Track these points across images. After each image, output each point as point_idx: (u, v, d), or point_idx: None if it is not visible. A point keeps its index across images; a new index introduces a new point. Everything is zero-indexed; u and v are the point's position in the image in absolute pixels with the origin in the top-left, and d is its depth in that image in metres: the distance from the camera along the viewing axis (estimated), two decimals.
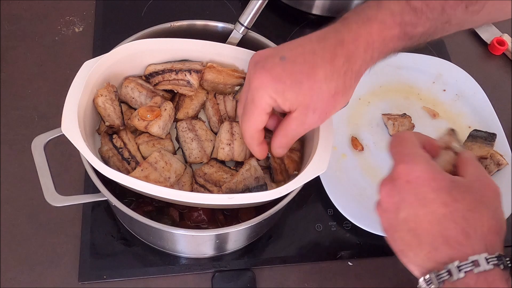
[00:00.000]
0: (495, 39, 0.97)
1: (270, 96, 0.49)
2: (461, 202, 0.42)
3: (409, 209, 0.43)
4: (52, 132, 0.61)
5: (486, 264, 0.39)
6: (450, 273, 0.40)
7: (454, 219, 0.41)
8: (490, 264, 0.39)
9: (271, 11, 0.96)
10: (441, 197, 0.42)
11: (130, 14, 0.94)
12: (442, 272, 0.40)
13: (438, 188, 0.43)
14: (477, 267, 0.39)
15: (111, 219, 0.71)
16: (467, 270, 0.39)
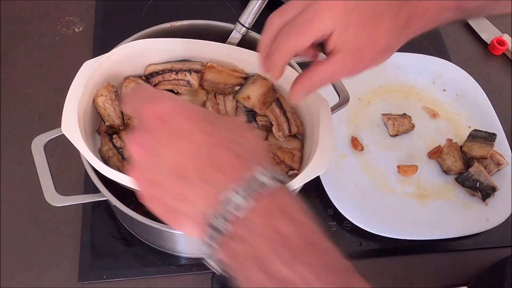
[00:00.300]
0: (495, 39, 0.97)
1: (331, 25, 0.45)
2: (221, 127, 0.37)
3: (164, 148, 0.36)
4: (52, 132, 0.61)
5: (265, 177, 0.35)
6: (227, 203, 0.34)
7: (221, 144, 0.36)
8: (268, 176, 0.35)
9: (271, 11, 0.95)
10: (198, 125, 0.37)
11: (130, 14, 0.94)
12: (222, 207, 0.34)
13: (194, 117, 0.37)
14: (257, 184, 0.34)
15: (111, 219, 0.71)
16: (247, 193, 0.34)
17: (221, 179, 0.35)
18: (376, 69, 0.93)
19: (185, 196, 0.36)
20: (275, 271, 0.33)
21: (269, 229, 0.34)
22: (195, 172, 0.35)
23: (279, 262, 0.33)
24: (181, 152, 0.36)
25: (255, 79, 0.67)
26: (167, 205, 0.37)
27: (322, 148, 0.59)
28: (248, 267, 0.34)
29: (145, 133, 0.38)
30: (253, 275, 0.34)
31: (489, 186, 0.76)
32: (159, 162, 0.37)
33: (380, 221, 0.73)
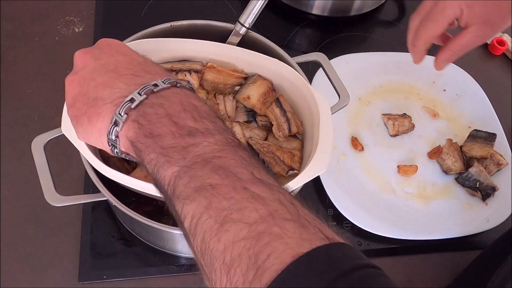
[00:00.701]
0: (495, 39, 0.97)
1: (460, 8, 0.60)
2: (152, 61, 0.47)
3: (110, 57, 0.46)
4: (52, 132, 0.61)
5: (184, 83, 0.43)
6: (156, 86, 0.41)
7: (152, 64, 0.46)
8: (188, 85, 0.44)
9: (271, 11, 0.96)
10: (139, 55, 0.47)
11: (130, 14, 0.94)
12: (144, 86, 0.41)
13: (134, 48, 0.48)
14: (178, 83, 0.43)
15: (111, 219, 0.71)
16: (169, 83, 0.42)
17: (150, 76, 0.43)
18: (376, 69, 0.93)
19: (112, 84, 0.43)
20: (183, 123, 0.39)
21: (183, 100, 0.41)
22: (127, 70, 0.44)
23: (189, 118, 0.40)
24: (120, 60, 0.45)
25: (255, 79, 0.67)
26: (90, 97, 0.44)
27: (322, 148, 0.59)
28: (159, 121, 0.40)
29: (94, 48, 0.47)
30: (162, 127, 0.39)
31: (489, 186, 0.76)
32: (97, 63, 0.45)
33: (380, 221, 0.73)
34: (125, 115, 0.41)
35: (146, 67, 0.45)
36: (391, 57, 0.91)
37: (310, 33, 0.98)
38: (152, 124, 0.40)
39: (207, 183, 0.36)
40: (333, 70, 0.71)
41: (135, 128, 0.41)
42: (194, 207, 0.35)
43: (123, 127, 0.41)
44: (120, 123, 0.41)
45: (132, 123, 0.41)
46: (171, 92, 0.42)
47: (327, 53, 0.72)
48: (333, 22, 0.99)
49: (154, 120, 0.40)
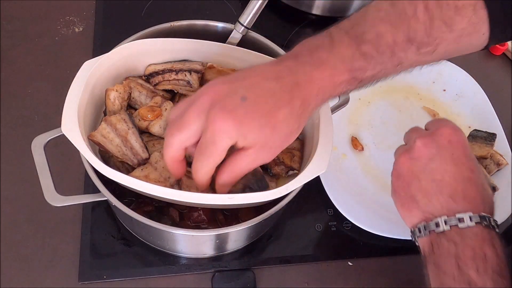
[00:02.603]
0: None
1: (232, 138, 0.47)
2: (479, 170, 0.51)
3: (441, 163, 0.50)
4: (52, 132, 0.61)
5: (490, 223, 0.47)
6: (462, 221, 0.47)
7: (476, 184, 0.49)
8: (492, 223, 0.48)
9: (271, 11, 0.96)
10: (470, 163, 0.50)
11: (130, 14, 0.94)
12: (452, 217, 0.47)
13: (469, 156, 0.51)
14: (484, 222, 0.47)
15: (111, 219, 0.71)
16: (476, 221, 0.46)
17: (465, 205, 0.48)
18: None
19: (430, 196, 0.50)
20: (466, 271, 0.45)
21: (477, 247, 0.46)
22: (449, 189, 0.49)
23: (473, 269, 0.45)
24: (448, 171, 0.50)
25: None
26: (411, 193, 0.51)
27: (322, 148, 0.59)
28: (446, 258, 0.46)
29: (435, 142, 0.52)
30: (448, 264, 0.46)
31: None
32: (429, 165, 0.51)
33: (380, 221, 0.73)
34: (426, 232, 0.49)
35: (467, 188, 0.49)
36: None
37: (310, 33, 0.97)
38: (442, 258, 0.47)
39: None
40: None
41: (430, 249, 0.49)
42: None
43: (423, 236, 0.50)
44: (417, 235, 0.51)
45: (428, 242, 0.49)
46: (471, 233, 0.46)
47: None
48: (333, 22, 0.98)
49: (444, 254, 0.47)
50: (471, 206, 0.48)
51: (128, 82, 0.66)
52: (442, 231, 0.47)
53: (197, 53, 0.67)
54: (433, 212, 0.49)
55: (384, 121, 0.85)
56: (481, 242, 0.46)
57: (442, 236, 0.47)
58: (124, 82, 0.65)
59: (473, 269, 0.44)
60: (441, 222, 0.48)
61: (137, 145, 0.60)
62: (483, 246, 0.46)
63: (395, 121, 0.85)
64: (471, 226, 0.46)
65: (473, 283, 0.44)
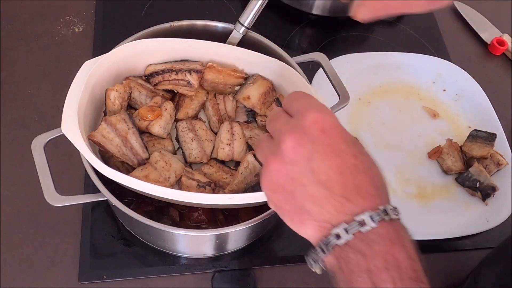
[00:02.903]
0: (495, 39, 0.97)
1: None
2: (365, 155, 0.44)
3: (322, 159, 0.41)
4: (52, 132, 0.61)
5: (393, 214, 0.41)
6: (362, 224, 0.40)
7: (364, 170, 0.42)
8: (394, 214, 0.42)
9: (271, 11, 0.96)
10: (351, 148, 0.42)
11: (130, 14, 0.94)
12: (353, 223, 0.40)
13: (348, 140, 0.43)
14: (386, 216, 0.41)
15: (111, 219, 0.71)
16: (379, 220, 0.40)
17: (361, 203, 0.41)
18: (376, 69, 0.93)
19: (323, 204, 0.41)
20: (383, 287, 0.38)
21: (387, 253, 0.40)
22: (339, 188, 0.41)
23: (389, 282, 0.39)
24: (332, 167, 0.41)
25: (255, 79, 0.67)
26: (297, 202, 0.42)
27: None
28: (357, 275, 0.40)
29: (306, 136, 0.42)
30: (361, 283, 0.39)
31: (489, 186, 0.76)
32: (309, 166, 0.42)
33: None
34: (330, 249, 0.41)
35: (357, 179, 0.42)
36: (391, 57, 0.91)
37: (310, 33, 0.98)
38: (352, 276, 0.40)
39: None
40: (333, 70, 0.71)
41: (338, 267, 0.41)
42: None
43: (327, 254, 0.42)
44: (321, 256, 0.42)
45: (334, 260, 0.41)
46: (377, 236, 0.40)
47: (327, 53, 0.72)
48: (333, 22, 0.98)
49: (354, 271, 0.40)
50: (368, 202, 0.41)
51: (128, 82, 0.66)
52: (345, 242, 0.40)
53: (197, 53, 0.67)
54: (329, 221, 0.41)
55: (384, 121, 0.85)
56: (390, 246, 0.40)
57: (346, 249, 0.40)
58: (124, 82, 0.65)
59: (389, 282, 0.39)
60: (341, 231, 0.40)
61: (137, 145, 0.60)
62: (393, 251, 0.40)
63: (395, 121, 0.85)
64: (374, 227, 0.40)
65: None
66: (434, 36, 0.99)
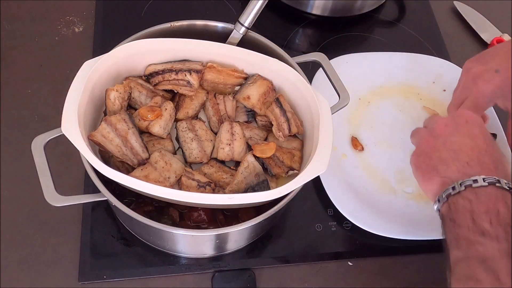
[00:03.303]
0: (495, 39, 0.97)
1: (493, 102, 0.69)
2: (492, 144, 0.56)
3: (459, 137, 0.57)
4: (52, 132, 0.61)
5: (504, 185, 0.51)
6: (475, 181, 0.51)
7: (489, 154, 0.55)
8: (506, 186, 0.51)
9: (271, 11, 0.96)
10: (486, 139, 0.56)
11: (130, 14, 0.94)
12: (467, 179, 0.52)
13: (485, 133, 0.57)
14: (498, 183, 0.51)
15: (111, 219, 0.71)
16: (490, 182, 0.51)
17: (479, 170, 0.53)
18: (376, 69, 0.93)
19: (448, 164, 0.55)
20: (480, 223, 0.48)
21: (490, 203, 0.50)
22: (466, 157, 0.55)
23: (486, 221, 0.48)
24: (466, 144, 0.56)
25: (255, 79, 0.67)
26: (431, 163, 0.57)
27: (322, 148, 0.59)
28: (463, 213, 0.50)
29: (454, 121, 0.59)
30: (463, 218, 0.50)
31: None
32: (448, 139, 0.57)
33: (380, 221, 0.73)
34: (445, 198, 0.53)
35: (482, 157, 0.54)
36: (391, 57, 0.91)
37: (310, 33, 0.98)
38: (458, 214, 0.51)
39: (474, 277, 0.46)
40: (333, 70, 0.71)
41: (447, 209, 0.53)
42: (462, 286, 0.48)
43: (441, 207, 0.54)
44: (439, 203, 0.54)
45: (446, 206, 0.53)
46: (485, 192, 0.51)
47: (327, 53, 0.72)
48: (333, 22, 0.98)
49: (460, 210, 0.51)
50: (485, 171, 0.52)
51: (128, 82, 0.66)
52: (458, 191, 0.52)
53: (197, 53, 0.67)
54: (450, 177, 0.53)
55: (384, 121, 0.85)
56: (494, 200, 0.50)
57: (458, 196, 0.52)
58: (124, 82, 0.65)
59: (486, 221, 0.48)
60: (457, 184, 0.52)
61: (137, 145, 0.60)
62: (496, 203, 0.49)
63: (395, 121, 0.85)
64: (484, 186, 0.50)
65: (486, 233, 0.48)
66: (434, 36, 0.99)
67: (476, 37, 1.00)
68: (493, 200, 0.50)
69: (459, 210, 0.51)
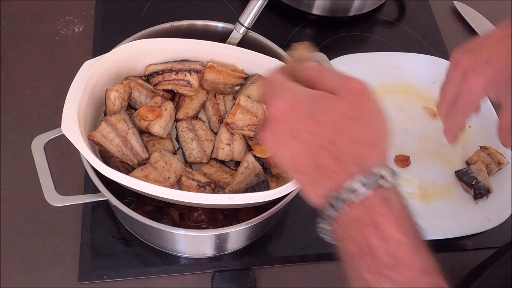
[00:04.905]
0: None
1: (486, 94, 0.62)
2: (325, 124, 0.40)
3: (286, 147, 0.42)
4: (52, 132, 0.61)
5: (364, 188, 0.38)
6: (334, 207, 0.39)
7: (322, 145, 0.39)
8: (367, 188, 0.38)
9: (271, 11, 0.96)
10: (305, 124, 0.40)
11: (130, 14, 0.94)
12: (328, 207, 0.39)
13: (301, 116, 0.40)
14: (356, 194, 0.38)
15: (111, 219, 0.71)
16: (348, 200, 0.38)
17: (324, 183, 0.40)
18: (376, 69, 0.93)
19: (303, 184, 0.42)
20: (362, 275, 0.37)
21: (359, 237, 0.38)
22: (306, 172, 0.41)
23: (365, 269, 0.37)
24: (295, 152, 0.41)
25: (255, 79, 0.67)
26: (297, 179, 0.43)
27: None
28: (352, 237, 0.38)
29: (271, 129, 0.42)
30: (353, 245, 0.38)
31: (484, 186, 0.76)
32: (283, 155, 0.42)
33: None
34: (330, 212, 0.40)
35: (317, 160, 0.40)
36: (391, 57, 0.91)
37: (310, 33, 0.98)
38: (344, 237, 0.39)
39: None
40: None
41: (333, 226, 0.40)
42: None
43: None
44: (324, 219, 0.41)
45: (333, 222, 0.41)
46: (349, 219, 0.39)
47: (327, 53, 0.72)
48: (333, 22, 0.98)
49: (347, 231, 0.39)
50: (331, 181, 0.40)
51: (128, 82, 0.66)
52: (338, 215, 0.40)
53: (197, 53, 0.67)
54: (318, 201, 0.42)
55: None
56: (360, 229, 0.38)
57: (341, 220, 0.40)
58: (124, 82, 0.65)
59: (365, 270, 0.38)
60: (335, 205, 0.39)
61: (137, 145, 0.60)
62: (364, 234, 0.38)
63: (395, 121, 0.85)
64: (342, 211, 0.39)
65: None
66: (434, 36, 0.99)
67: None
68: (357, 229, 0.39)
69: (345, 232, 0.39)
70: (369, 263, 0.37)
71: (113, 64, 0.64)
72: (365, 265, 0.37)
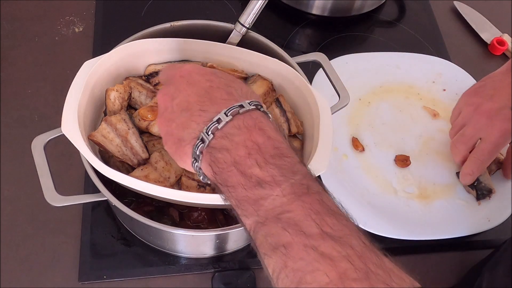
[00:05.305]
0: (495, 39, 0.97)
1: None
2: (223, 77, 0.48)
3: (182, 93, 0.47)
4: (52, 132, 0.61)
5: (249, 106, 0.43)
6: (218, 121, 0.42)
7: (218, 87, 0.46)
8: (251, 105, 0.44)
9: (271, 11, 0.96)
10: (205, 76, 0.48)
11: (130, 14, 0.94)
12: (210, 124, 0.43)
13: (203, 72, 0.48)
14: (242, 108, 0.43)
15: (111, 219, 0.71)
16: (233, 113, 0.43)
17: (215, 108, 0.44)
18: (376, 69, 0.93)
19: (188, 124, 0.45)
20: (250, 173, 0.40)
21: (247, 140, 0.41)
22: (197, 105, 0.45)
23: (254, 165, 0.40)
24: (190, 94, 0.46)
25: (255, 79, 0.67)
26: (176, 137, 0.46)
27: (322, 148, 0.59)
28: (228, 170, 0.41)
29: (170, 85, 0.49)
30: (232, 177, 0.41)
31: (486, 187, 0.76)
32: (175, 103, 0.47)
33: (380, 221, 0.73)
34: (200, 154, 0.44)
35: (212, 94, 0.46)
36: (391, 57, 0.91)
37: (310, 33, 0.98)
38: (224, 174, 0.41)
39: (280, 243, 0.37)
40: (333, 70, 0.71)
41: (211, 172, 0.43)
42: (273, 263, 0.39)
43: (202, 164, 0.44)
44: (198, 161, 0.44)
45: (207, 166, 0.43)
46: (235, 128, 0.42)
47: (327, 53, 0.72)
48: (333, 22, 0.99)
49: (224, 169, 0.41)
50: (222, 106, 0.44)
51: (128, 82, 0.66)
52: (207, 143, 0.42)
53: (197, 53, 0.67)
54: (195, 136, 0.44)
55: (384, 121, 0.85)
56: (248, 133, 0.42)
57: (211, 151, 0.42)
58: (124, 82, 0.65)
59: (255, 166, 0.40)
60: (203, 135, 0.43)
61: (137, 145, 0.60)
62: (252, 136, 0.41)
63: (395, 121, 0.85)
64: (229, 120, 0.42)
65: (262, 181, 0.39)
66: (434, 36, 0.99)
67: (476, 37, 1.00)
68: (246, 134, 0.42)
69: (224, 168, 0.41)
70: (257, 158, 0.40)
71: (113, 64, 0.64)
72: (254, 162, 0.40)
